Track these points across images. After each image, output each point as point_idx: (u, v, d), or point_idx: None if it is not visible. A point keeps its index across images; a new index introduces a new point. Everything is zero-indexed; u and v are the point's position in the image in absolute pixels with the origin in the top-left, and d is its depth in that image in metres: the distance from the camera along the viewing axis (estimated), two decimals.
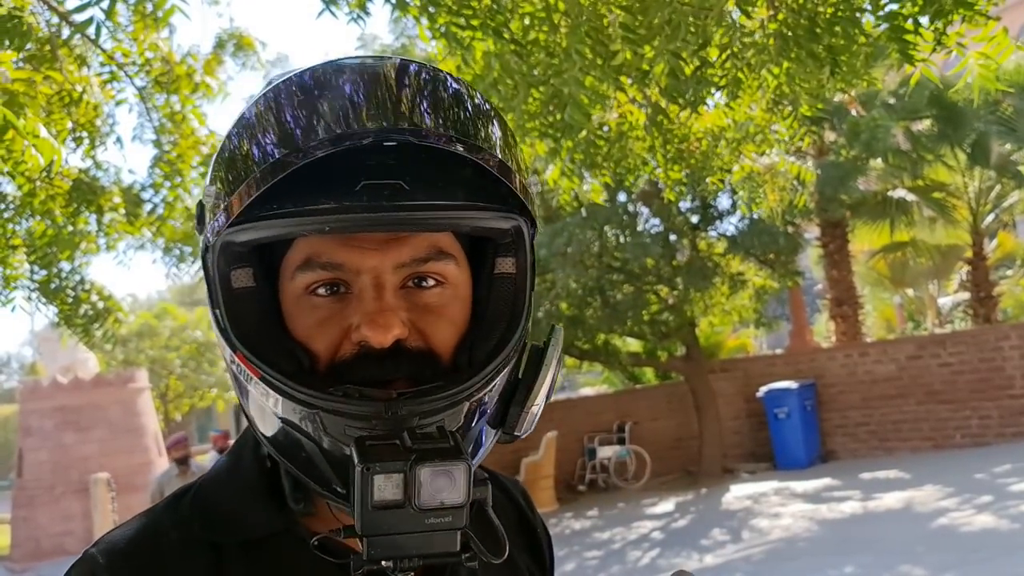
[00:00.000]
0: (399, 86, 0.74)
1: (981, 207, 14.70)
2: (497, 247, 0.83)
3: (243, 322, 0.77)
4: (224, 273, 0.77)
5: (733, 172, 5.53)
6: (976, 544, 7.55)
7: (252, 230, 0.73)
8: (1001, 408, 12.26)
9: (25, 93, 3.34)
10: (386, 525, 0.67)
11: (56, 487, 16.73)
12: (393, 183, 0.72)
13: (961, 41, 3.70)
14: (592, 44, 3.15)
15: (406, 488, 0.66)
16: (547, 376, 0.82)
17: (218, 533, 0.81)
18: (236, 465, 0.86)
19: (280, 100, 0.74)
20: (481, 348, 0.80)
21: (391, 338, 0.74)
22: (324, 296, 0.77)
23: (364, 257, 0.76)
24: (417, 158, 0.73)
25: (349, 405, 0.72)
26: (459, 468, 0.67)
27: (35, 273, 5.87)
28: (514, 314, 0.82)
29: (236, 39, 6.94)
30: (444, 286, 0.79)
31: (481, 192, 0.77)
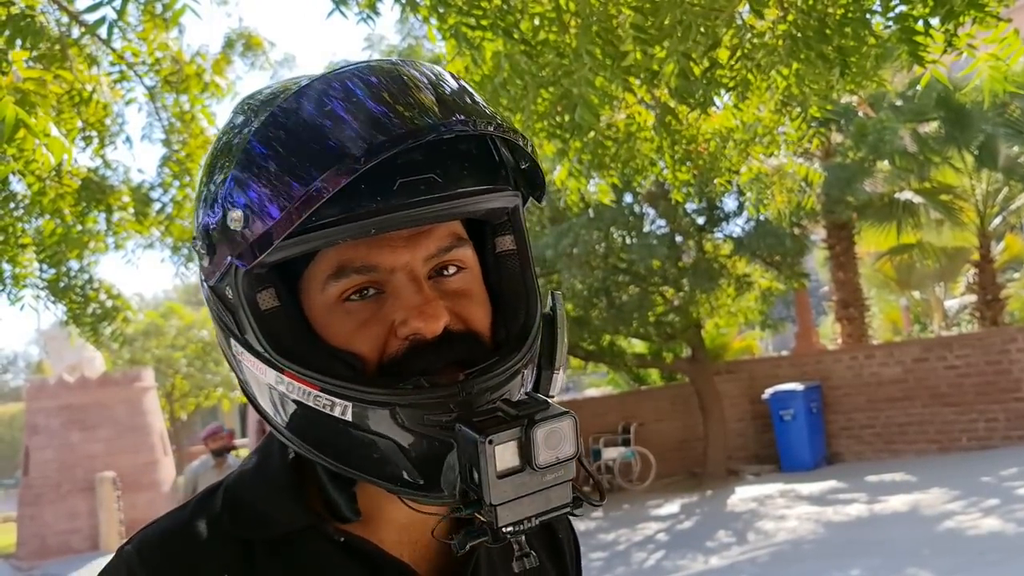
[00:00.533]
0: (421, 83, 0.76)
1: (988, 209, 14.66)
2: (495, 227, 0.86)
3: (281, 341, 0.77)
4: (251, 297, 0.76)
5: (741, 173, 5.52)
6: (983, 547, 7.53)
7: (296, 245, 0.73)
8: (1008, 411, 12.22)
9: (36, 92, 3.36)
10: (512, 491, 0.69)
11: (62, 485, 16.77)
12: (427, 177, 0.74)
13: (972, 43, 3.69)
14: (602, 44, 3.15)
15: (522, 452, 0.69)
16: (562, 337, 0.86)
17: (248, 530, 0.82)
18: (264, 464, 0.88)
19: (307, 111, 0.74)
20: (514, 323, 0.83)
21: (441, 325, 0.76)
22: (358, 301, 0.78)
23: (396, 255, 0.77)
24: (440, 150, 0.75)
25: (424, 395, 0.74)
26: (567, 422, 0.71)
27: (44, 272, 5.89)
28: (528, 287, 0.86)
29: (245, 39, 6.96)
30: (464, 271, 0.82)
31: (492, 174, 0.80)
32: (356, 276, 0.77)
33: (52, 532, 16.50)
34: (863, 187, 13.69)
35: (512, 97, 3.93)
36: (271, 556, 0.81)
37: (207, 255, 0.79)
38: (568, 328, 0.91)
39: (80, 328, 6.44)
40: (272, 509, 0.83)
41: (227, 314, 0.80)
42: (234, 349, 0.81)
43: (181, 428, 29.45)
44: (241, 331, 0.78)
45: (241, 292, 0.77)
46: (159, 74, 5.79)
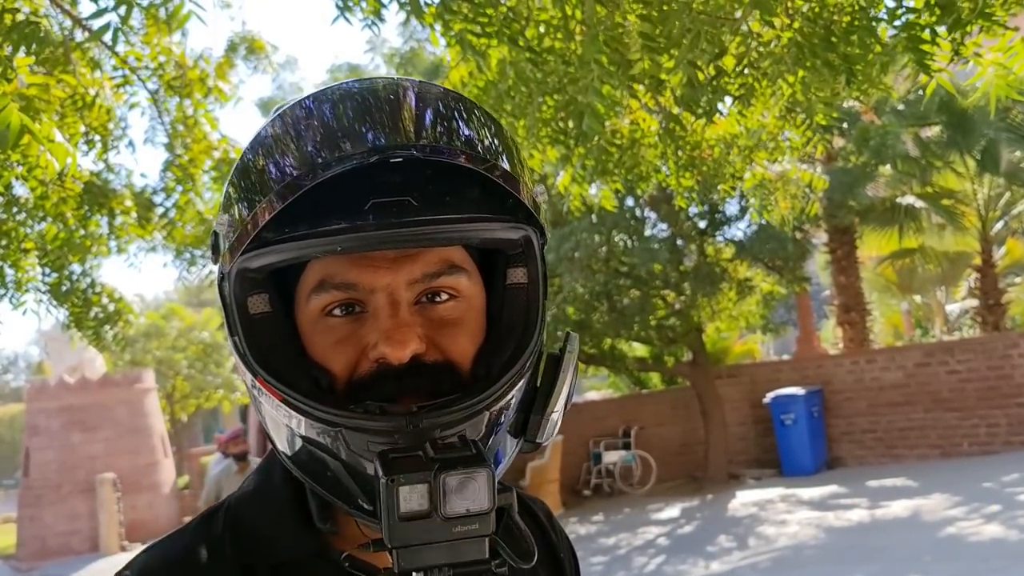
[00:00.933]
0: (400, 104, 0.76)
1: (990, 214, 14.66)
2: (508, 258, 0.84)
3: (262, 347, 0.78)
4: (241, 300, 0.78)
5: (745, 180, 5.52)
6: (985, 554, 7.51)
7: (267, 255, 0.75)
8: (1009, 416, 12.21)
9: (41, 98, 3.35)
10: (414, 536, 0.67)
11: (62, 487, 16.77)
12: (401, 200, 0.73)
13: (978, 51, 3.68)
14: (609, 53, 3.15)
15: (431, 497, 0.67)
16: (564, 383, 0.83)
17: (251, 555, 0.81)
18: (267, 484, 0.87)
19: (285, 127, 0.76)
20: (498, 359, 0.80)
21: (408, 353, 0.75)
22: (340, 317, 0.78)
23: (377, 275, 0.77)
24: (423, 174, 0.74)
25: (370, 421, 0.73)
26: (482, 474, 0.68)
27: (46, 276, 5.89)
28: (528, 323, 0.83)
29: (248, 42, 6.95)
30: (458, 299, 0.80)
31: (488, 204, 0.77)
32: (335, 291, 0.78)
33: (52, 533, 16.50)
34: (865, 192, 13.69)
35: (516, 104, 3.92)
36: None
37: (213, 254, 0.83)
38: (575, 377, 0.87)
39: (82, 332, 6.44)
40: (276, 533, 0.83)
41: (224, 311, 0.82)
42: (229, 345, 0.83)
43: (182, 430, 29.43)
44: (232, 330, 0.80)
45: (232, 293, 0.78)
46: (162, 78, 5.78)
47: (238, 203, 0.76)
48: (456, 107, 0.79)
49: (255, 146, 0.78)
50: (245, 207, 0.74)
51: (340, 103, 0.76)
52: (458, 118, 0.77)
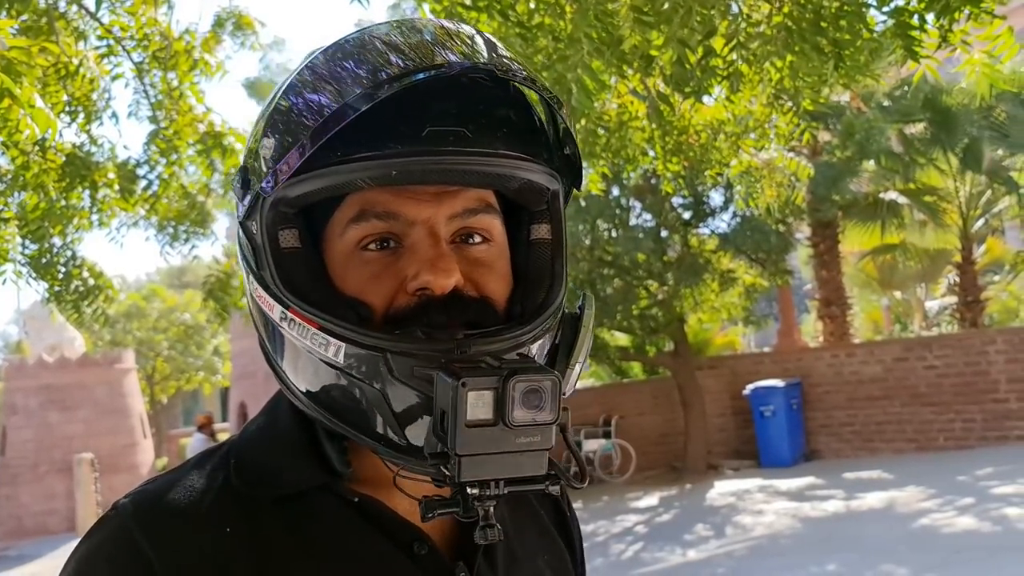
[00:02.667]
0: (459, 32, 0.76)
1: (971, 212, 14.77)
2: (532, 214, 0.84)
3: (295, 279, 0.77)
4: (272, 234, 0.77)
5: (731, 166, 5.53)
6: (958, 545, 7.59)
7: (319, 178, 0.73)
8: (985, 412, 12.33)
9: (23, 62, 3.31)
10: (479, 444, 0.66)
11: (40, 466, 16.68)
12: (458, 130, 0.72)
13: (965, 39, 3.71)
14: (599, 29, 3.14)
15: (497, 406, 0.66)
16: (586, 337, 0.83)
17: (256, 487, 0.79)
18: (272, 423, 0.85)
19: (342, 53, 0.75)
20: (532, 300, 0.81)
21: (452, 282, 0.74)
22: (375, 251, 0.77)
23: (420, 207, 0.76)
24: (477, 107, 0.74)
25: (417, 345, 0.72)
26: (548, 381, 0.67)
27: (26, 248, 5.82)
28: (555, 275, 0.83)
29: (235, 18, 6.89)
30: (490, 243, 0.80)
31: (535, 147, 0.78)
32: (376, 222, 0.76)
33: (29, 513, 16.42)
34: (848, 186, 13.75)
35: None
36: (279, 514, 0.78)
37: (241, 189, 0.80)
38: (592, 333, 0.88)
39: (61, 306, 6.37)
40: (283, 466, 0.81)
41: (250, 249, 0.80)
42: (250, 287, 0.81)
43: (161, 411, 29.31)
44: (258, 266, 0.78)
45: (264, 226, 0.77)
46: (147, 50, 5.72)
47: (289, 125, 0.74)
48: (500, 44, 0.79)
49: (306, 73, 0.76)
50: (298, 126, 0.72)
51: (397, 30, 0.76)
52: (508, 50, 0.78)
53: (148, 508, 0.77)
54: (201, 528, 0.76)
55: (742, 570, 7.91)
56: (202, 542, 0.75)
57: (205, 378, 27.93)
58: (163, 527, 0.76)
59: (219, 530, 0.76)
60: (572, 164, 0.83)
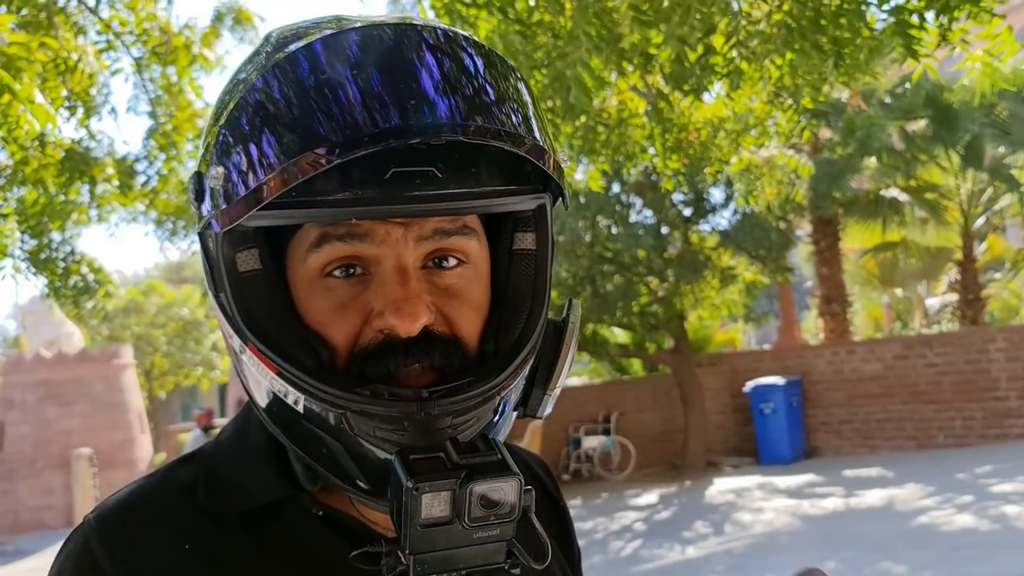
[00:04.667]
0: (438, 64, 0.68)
1: (972, 209, 14.76)
2: (516, 221, 0.79)
3: (253, 309, 0.72)
4: (229, 256, 0.72)
5: (731, 164, 5.52)
6: (956, 543, 7.60)
7: (272, 217, 0.68)
8: (985, 410, 12.34)
9: (22, 57, 3.30)
10: (434, 542, 0.64)
11: (37, 461, 16.67)
12: (425, 170, 0.67)
13: (965, 38, 3.70)
14: (599, 26, 3.13)
15: (455, 505, 0.64)
16: (568, 355, 0.80)
17: (222, 501, 0.78)
18: (242, 433, 0.83)
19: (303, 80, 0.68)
20: (507, 336, 0.76)
21: (419, 327, 0.70)
22: (340, 278, 0.72)
23: (387, 226, 0.71)
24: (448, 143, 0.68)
25: (379, 406, 0.69)
26: (511, 484, 0.65)
27: (25, 243, 5.82)
28: (535, 295, 0.78)
29: (235, 13, 6.87)
30: (465, 266, 0.75)
31: (512, 174, 0.73)
32: (339, 243, 0.71)
33: (26, 508, 16.41)
34: (850, 183, 13.74)
35: None
36: (245, 527, 0.77)
37: (195, 200, 0.75)
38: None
39: (60, 301, 6.37)
40: (250, 479, 0.79)
41: (207, 264, 0.76)
42: (211, 302, 0.78)
43: (159, 407, 29.31)
44: (217, 287, 0.74)
45: (221, 248, 0.72)
46: (146, 45, 5.71)
47: (243, 157, 0.67)
48: (484, 62, 0.71)
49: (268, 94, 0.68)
50: (252, 164, 0.66)
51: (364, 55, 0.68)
52: (489, 78, 0.71)
53: (109, 526, 0.77)
54: (161, 544, 0.75)
55: (741, 567, 7.91)
56: (163, 559, 0.75)
57: (203, 374, 27.93)
58: (124, 545, 0.75)
59: (179, 546, 0.75)
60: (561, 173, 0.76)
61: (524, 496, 0.66)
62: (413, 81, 0.66)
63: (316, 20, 0.75)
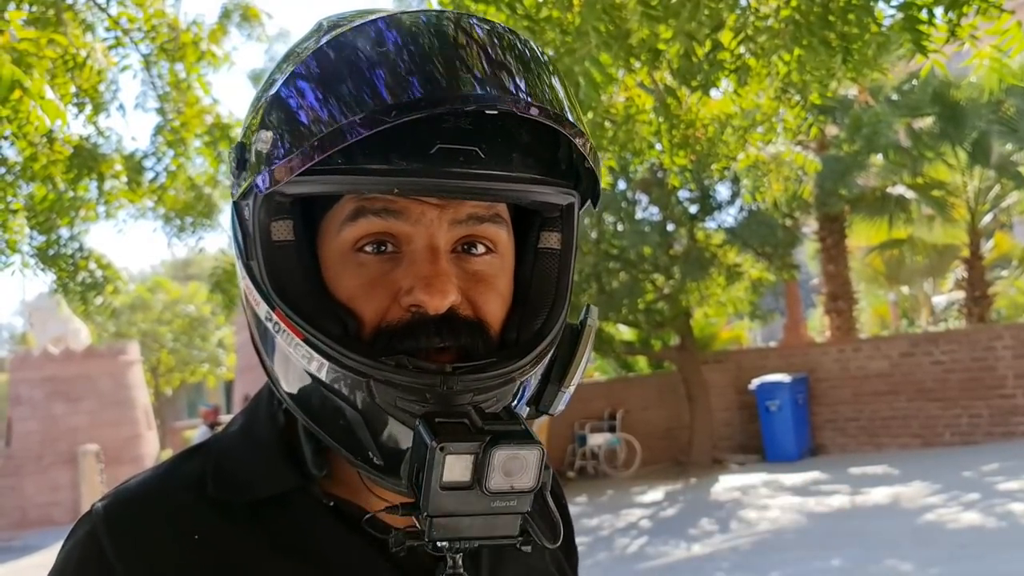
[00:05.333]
0: (487, 45, 0.70)
1: (979, 207, 14.71)
2: (544, 220, 0.80)
3: (283, 278, 0.73)
4: (264, 224, 0.73)
5: (738, 160, 5.52)
6: (963, 541, 7.59)
7: (316, 183, 0.70)
8: (991, 407, 12.31)
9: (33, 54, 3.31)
10: (451, 506, 0.65)
11: (44, 457, 16.73)
12: (469, 149, 0.69)
13: (974, 34, 3.69)
14: (607, 21, 3.14)
15: (476, 470, 0.64)
16: (584, 355, 0.81)
17: (231, 492, 0.78)
18: (250, 425, 0.84)
19: (360, 50, 0.69)
20: (529, 326, 0.78)
21: (447, 304, 0.71)
22: (371, 254, 0.73)
23: (422, 207, 0.73)
24: (494, 123, 0.70)
25: (403, 376, 0.69)
26: (532, 453, 0.65)
27: (34, 239, 5.84)
28: (558, 294, 0.80)
29: (242, 9, 6.88)
30: (494, 255, 0.76)
31: (549, 164, 0.75)
32: (374, 219, 0.72)
33: (33, 504, 16.47)
34: (856, 180, 13.71)
35: None
36: (253, 519, 0.77)
37: (235, 169, 0.76)
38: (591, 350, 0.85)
39: (68, 297, 6.39)
40: (259, 471, 0.79)
41: (240, 232, 0.77)
42: (239, 270, 0.78)
43: (166, 403, 29.39)
44: (248, 254, 0.75)
45: (257, 216, 0.73)
46: (155, 41, 5.72)
47: (293, 121, 0.69)
48: (532, 52, 0.73)
49: (314, 64, 0.70)
50: (301, 127, 0.68)
51: (420, 32, 0.70)
52: (537, 65, 0.72)
53: (117, 515, 0.77)
54: (171, 535, 0.75)
55: (746, 565, 7.91)
56: (170, 550, 0.75)
57: (209, 370, 28.01)
58: (131, 535, 0.75)
59: (188, 537, 0.75)
60: (592, 177, 0.79)
61: (543, 473, 0.67)
62: (468, 56, 0.68)
63: (366, 9, 0.77)
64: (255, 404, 0.85)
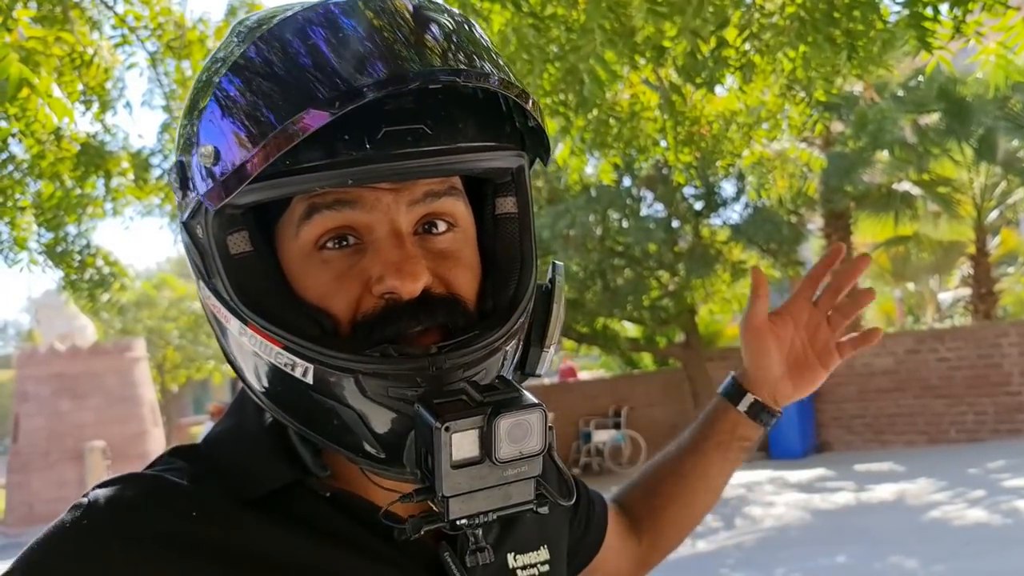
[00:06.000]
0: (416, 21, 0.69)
1: (985, 203, 14.68)
2: (496, 187, 0.80)
3: (249, 290, 0.72)
4: (220, 239, 0.71)
5: (743, 157, 5.52)
6: (968, 538, 7.59)
7: (267, 189, 0.67)
8: (997, 404, 12.29)
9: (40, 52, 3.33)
10: (466, 483, 0.65)
11: (51, 453, 16.78)
12: (415, 128, 0.68)
13: (979, 30, 3.69)
14: (612, 19, 3.14)
15: (483, 443, 0.64)
16: (559, 312, 0.81)
17: (232, 489, 0.76)
18: (240, 423, 0.83)
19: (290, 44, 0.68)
20: (503, 293, 0.78)
21: (420, 286, 0.71)
22: (334, 250, 0.72)
23: (376, 194, 0.72)
24: (436, 98, 0.69)
25: (390, 365, 0.69)
26: (535, 415, 0.66)
27: (42, 236, 5.86)
28: (524, 255, 0.80)
29: (248, 6, 6.89)
30: (455, 230, 0.76)
31: (495, 130, 0.74)
32: (329, 213, 0.71)
33: (40, 500, 16.52)
34: (861, 177, 13.68)
35: (518, 72, 3.91)
36: (252, 515, 0.75)
37: (179, 189, 0.74)
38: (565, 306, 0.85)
39: (76, 294, 6.41)
40: (253, 467, 0.78)
41: (196, 253, 0.75)
42: (202, 292, 0.76)
43: (172, 400, 29.47)
44: (209, 274, 0.74)
45: (211, 233, 0.71)
46: (161, 39, 5.73)
47: (228, 129, 0.67)
48: (460, 19, 0.73)
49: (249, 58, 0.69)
50: (243, 134, 0.66)
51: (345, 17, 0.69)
52: (476, 34, 0.73)
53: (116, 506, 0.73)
54: (169, 530, 0.73)
55: (751, 561, 7.91)
56: (169, 544, 0.72)
57: (215, 367, 28.05)
58: (128, 529, 0.72)
59: (187, 535, 0.73)
60: (538, 136, 0.77)
61: (548, 433, 0.67)
62: (401, 34, 0.68)
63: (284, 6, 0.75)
64: (241, 403, 0.84)
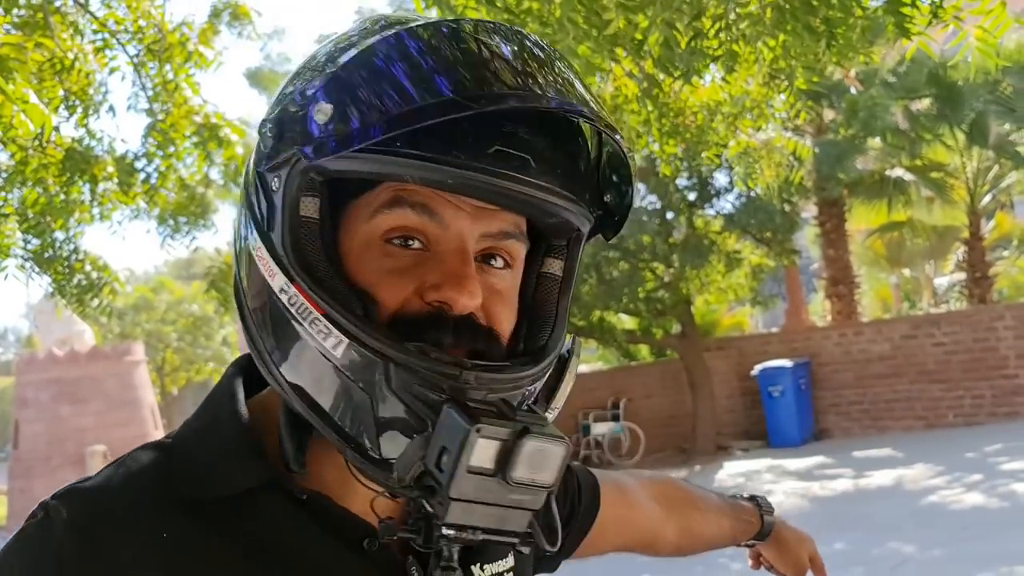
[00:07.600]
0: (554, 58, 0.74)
1: (979, 187, 14.66)
2: (550, 247, 0.83)
3: (305, 253, 0.72)
4: (295, 197, 0.72)
5: (729, 147, 5.51)
6: (966, 522, 7.59)
7: (369, 162, 0.69)
8: (994, 388, 12.30)
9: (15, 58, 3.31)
10: (473, 492, 0.64)
11: (52, 458, 16.80)
12: (522, 156, 0.70)
13: (958, 15, 3.67)
14: (586, 13, 3.13)
15: (501, 458, 0.64)
16: (569, 382, 0.82)
17: (200, 488, 0.75)
18: (213, 420, 0.82)
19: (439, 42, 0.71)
20: (533, 341, 0.80)
21: (473, 306, 0.72)
22: (399, 247, 0.74)
23: (458, 214, 0.73)
24: (544, 137, 0.72)
25: (424, 363, 0.69)
26: (559, 449, 0.65)
27: (28, 243, 5.85)
28: (559, 313, 0.82)
29: (232, 8, 6.87)
30: (509, 270, 0.78)
31: (582, 184, 0.77)
32: (410, 213, 0.73)
33: None
34: (854, 164, 13.67)
35: None
36: (225, 515, 0.74)
37: (272, 140, 0.74)
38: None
39: (65, 300, 6.39)
40: (225, 465, 0.77)
41: (263, 202, 0.75)
42: (251, 241, 0.76)
43: (172, 403, 29.48)
44: (268, 226, 0.74)
45: (289, 186, 0.72)
46: (142, 42, 5.71)
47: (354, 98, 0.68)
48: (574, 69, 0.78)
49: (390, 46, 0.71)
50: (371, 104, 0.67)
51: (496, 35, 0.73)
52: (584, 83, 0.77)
53: (80, 513, 0.73)
54: (135, 534, 0.72)
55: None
56: (134, 550, 0.72)
57: (215, 369, 28.07)
58: (92, 534, 0.72)
59: (156, 536, 0.72)
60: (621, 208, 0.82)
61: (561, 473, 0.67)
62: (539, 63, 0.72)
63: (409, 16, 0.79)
64: (213, 402, 0.83)
